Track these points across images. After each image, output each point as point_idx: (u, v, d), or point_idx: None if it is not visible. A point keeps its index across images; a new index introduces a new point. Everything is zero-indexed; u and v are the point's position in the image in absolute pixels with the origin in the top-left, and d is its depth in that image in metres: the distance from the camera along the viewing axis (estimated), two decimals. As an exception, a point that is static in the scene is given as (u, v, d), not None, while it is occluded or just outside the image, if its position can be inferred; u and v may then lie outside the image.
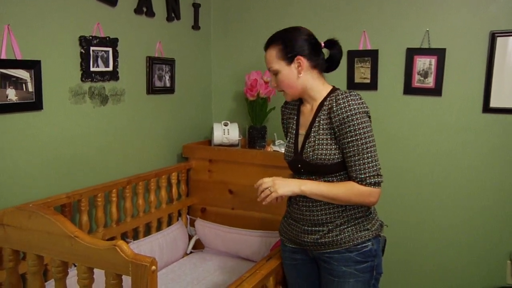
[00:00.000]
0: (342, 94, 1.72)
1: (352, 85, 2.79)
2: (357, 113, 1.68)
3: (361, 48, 2.75)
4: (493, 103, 2.52)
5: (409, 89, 2.69)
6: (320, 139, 1.75)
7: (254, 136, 2.93)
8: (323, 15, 2.85)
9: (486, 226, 2.62)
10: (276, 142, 2.84)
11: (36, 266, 1.48)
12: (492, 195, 2.59)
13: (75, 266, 1.96)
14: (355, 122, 1.68)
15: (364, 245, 1.79)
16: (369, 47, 2.74)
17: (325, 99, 1.80)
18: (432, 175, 2.71)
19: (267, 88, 2.84)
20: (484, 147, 2.58)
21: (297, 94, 1.83)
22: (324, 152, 1.73)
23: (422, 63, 2.63)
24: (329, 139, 1.74)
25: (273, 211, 2.62)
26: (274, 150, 2.76)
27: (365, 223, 1.81)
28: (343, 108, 1.69)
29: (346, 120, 1.68)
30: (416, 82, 2.66)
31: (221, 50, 3.22)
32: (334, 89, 1.82)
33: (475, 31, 2.52)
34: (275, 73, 1.80)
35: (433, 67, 2.61)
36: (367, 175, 1.69)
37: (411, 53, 2.64)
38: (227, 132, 2.89)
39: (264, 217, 2.72)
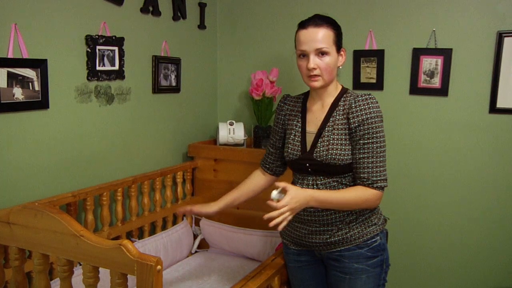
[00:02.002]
0: (362, 96, 1.74)
1: (358, 85, 2.78)
2: (376, 116, 1.71)
3: (367, 48, 2.74)
4: (499, 104, 2.50)
5: (415, 89, 2.68)
6: (335, 138, 1.75)
7: (260, 136, 2.93)
8: (330, 14, 2.84)
9: (492, 226, 2.61)
10: (282, 142, 2.84)
11: (41, 265, 1.49)
12: (498, 195, 2.58)
13: (80, 265, 1.96)
14: (374, 125, 1.70)
15: (373, 240, 1.80)
16: (375, 47, 2.73)
17: (338, 98, 1.80)
18: (438, 175, 2.70)
19: (272, 88, 2.83)
20: (490, 148, 2.57)
21: (328, 83, 1.79)
22: (338, 152, 1.73)
23: (429, 63, 2.62)
24: (343, 139, 1.74)
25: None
26: (279, 150, 2.75)
27: (372, 218, 1.81)
28: (363, 110, 1.71)
29: (365, 122, 1.70)
30: (422, 82, 2.65)
31: (227, 49, 3.22)
32: (345, 89, 1.84)
33: (482, 31, 2.50)
34: (323, 54, 1.72)
35: (439, 67, 2.59)
36: (379, 178, 1.72)
37: (417, 53, 2.63)
38: (232, 132, 2.89)
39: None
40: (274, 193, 1.66)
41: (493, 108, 2.52)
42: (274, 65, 2.95)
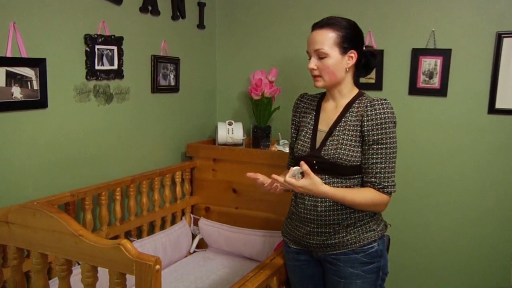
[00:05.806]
0: (378, 100, 1.74)
1: (357, 85, 2.77)
2: (391, 122, 1.72)
3: (366, 48, 2.74)
4: (498, 104, 2.50)
5: (414, 89, 2.67)
6: (345, 139, 1.76)
7: (259, 136, 2.92)
8: (328, 15, 2.85)
9: (490, 227, 2.61)
10: (281, 142, 2.84)
11: (40, 264, 1.48)
12: (496, 196, 2.58)
13: (78, 264, 1.96)
14: (388, 130, 1.72)
15: (370, 246, 1.79)
16: (374, 47, 2.73)
17: (353, 100, 1.81)
18: (436, 176, 2.69)
19: (271, 88, 2.83)
20: (489, 148, 2.57)
21: (332, 85, 1.80)
22: (346, 152, 1.74)
23: (428, 63, 2.62)
24: (353, 140, 1.75)
25: (277, 211, 2.62)
26: (278, 150, 2.75)
27: (371, 223, 1.81)
28: (379, 114, 1.71)
29: (380, 126, 1.71)
30: (421, 82, 2.65)
31: (226, 49, 3.22)
32: (361, 92, 1.85)
33: (481, 31, 2.50)
34: (322, 57, 1.74)
35: (438, 67, 2.60)
36: (390, 184, 1.74)
37: (417, 54, 2.63)
38: (231, 132, 2.88)
39: (268, 216, 2.72)
40: (296, 170, 1.62)
41: (492, 109, 2.52)
42: (273, 65, 2.94)
